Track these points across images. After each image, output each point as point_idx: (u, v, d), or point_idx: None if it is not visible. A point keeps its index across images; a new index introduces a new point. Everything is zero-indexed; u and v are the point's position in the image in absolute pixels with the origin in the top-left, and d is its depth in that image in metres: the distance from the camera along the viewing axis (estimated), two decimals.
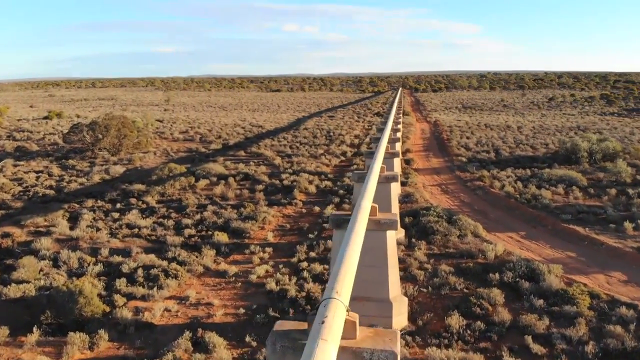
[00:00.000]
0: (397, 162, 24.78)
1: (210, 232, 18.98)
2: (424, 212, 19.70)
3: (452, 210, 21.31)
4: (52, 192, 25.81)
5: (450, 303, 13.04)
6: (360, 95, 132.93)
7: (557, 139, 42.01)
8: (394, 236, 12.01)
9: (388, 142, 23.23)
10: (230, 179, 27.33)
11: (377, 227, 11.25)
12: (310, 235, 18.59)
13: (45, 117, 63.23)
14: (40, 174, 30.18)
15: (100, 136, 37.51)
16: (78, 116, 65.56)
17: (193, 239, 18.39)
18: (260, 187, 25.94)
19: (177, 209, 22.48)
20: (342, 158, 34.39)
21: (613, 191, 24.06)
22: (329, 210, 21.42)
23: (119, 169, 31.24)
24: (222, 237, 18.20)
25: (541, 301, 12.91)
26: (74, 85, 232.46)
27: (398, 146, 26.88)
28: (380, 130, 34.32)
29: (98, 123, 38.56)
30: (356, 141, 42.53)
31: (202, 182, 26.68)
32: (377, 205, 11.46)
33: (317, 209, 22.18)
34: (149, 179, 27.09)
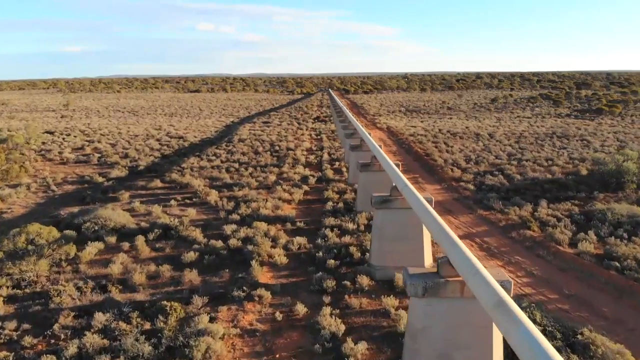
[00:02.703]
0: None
1: None
2: None
3: (543, 304, 12.29)
4: None
5: None
6: (289, 97, 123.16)
7: (551, 149, 34.77)
8: None
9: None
10: (140, 240, 16.86)
11: None
12: None
13: None
14: None
15: None
16: None
17: None
18: (191, 255, 15.70)
19: (38, 323, 11.89)
20: (306, 187, 24.50)
21: None
22: (327, 318, 11.59)
23: None
24: None
25: None
26: None
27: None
28: (355, 148, 25.01)
29: None
30: (312, 158, 32.79)
31: (92, 249, 16.01)
32: None
33: (301, 308, 12.25)
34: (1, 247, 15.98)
